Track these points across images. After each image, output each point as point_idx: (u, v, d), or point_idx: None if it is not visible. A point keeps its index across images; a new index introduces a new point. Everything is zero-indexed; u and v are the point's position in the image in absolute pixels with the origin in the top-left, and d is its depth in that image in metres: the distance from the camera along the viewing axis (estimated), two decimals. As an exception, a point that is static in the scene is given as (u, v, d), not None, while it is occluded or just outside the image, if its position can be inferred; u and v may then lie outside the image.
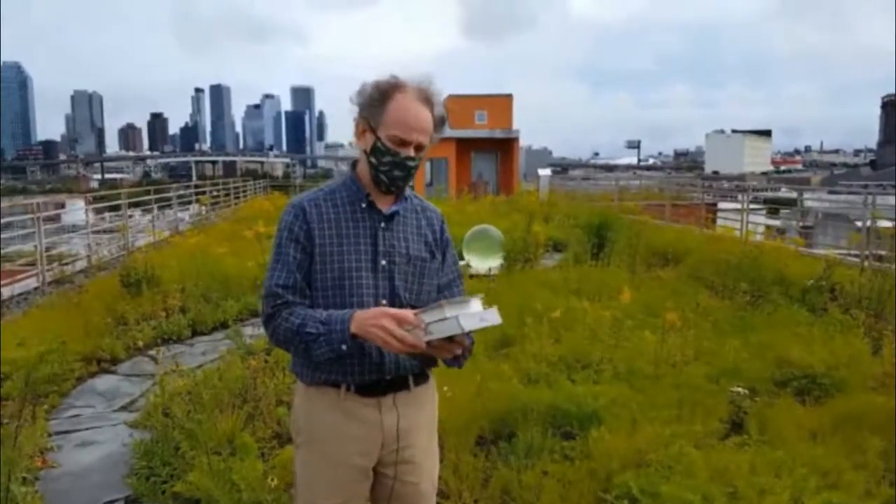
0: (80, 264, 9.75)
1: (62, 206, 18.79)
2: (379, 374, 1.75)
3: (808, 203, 17.21)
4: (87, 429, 4.30)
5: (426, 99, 1.72)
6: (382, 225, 1.77)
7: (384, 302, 1.75)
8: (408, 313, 1.59)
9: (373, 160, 1.73)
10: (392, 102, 1.70)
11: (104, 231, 13.12)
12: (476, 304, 1.56)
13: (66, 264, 9.37)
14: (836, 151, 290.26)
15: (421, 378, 1.85)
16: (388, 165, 1.71)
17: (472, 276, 8.26)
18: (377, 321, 1.58)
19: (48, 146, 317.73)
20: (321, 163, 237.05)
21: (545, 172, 28.77)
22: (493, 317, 1.56)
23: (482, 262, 8.77)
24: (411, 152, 1.71)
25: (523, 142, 33.58)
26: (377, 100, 1.71)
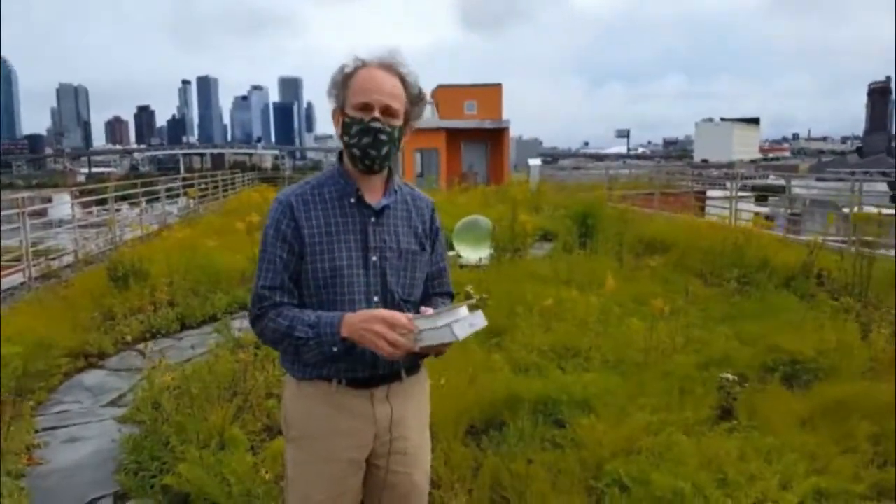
0: (67, 259, 9.67)
1: (49, 200, 18.66)
2: (372, 371, 1.74)
3: (796, 190, 17.26)
4: (74, 425, 4.26)
5: (389, 68, 1.71)
6: (373, 220, 1.74)
7: (376, 298, 1.72)
8: (401, 317, 1.58)
9: (345, 139, 1.71)
10: (355, 77, 1.70)
11: (91, 225, 13.00)
12: (464, 310, 1.59)
13: (53, 259, 9.31)
14: (824, 139, 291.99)
15: (413, 369, 1.84)
16: (357, 136, 1.68)
17: (462, 267, 8.26)
18: (369, 325, 1.56)
19: (34, 140, 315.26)
20: (311, 154, 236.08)
21: (535, 162, 28.72)
22: (481, 321, 1.60)
23: (472, 253, 8.80)
24: (376, 114, 1.67)
25: (513, 132, 33.59)
26: (343, 81, 1.71)
